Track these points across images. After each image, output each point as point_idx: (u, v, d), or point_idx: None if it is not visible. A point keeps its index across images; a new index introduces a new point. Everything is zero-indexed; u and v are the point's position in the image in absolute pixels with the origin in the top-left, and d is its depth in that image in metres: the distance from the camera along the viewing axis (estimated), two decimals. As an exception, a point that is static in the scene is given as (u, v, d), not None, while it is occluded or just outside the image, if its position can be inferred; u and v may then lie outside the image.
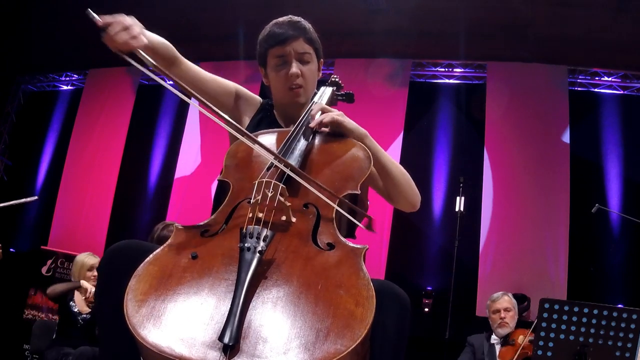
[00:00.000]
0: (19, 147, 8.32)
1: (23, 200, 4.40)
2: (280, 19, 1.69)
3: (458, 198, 5.37)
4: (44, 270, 6.29)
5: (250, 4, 6.11)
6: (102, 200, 7.41)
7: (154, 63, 1.38)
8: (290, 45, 1.64)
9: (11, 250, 7.64)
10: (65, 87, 8.64)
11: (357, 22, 6.48)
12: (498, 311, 3.88)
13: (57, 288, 3.98)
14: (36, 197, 4.73)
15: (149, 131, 7.79)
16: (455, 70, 7.09)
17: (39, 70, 8.39)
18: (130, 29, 1.37)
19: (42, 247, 6.75)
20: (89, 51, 7.63)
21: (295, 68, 1.65)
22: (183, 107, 7.45)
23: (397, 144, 6.65)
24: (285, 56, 1.65)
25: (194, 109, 6.89)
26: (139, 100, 7.71)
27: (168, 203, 7.18)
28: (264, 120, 1.75)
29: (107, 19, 1.36)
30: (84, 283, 3.95)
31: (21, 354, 5.22)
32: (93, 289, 3.89)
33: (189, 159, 7.30)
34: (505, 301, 3.93)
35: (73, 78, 8.50)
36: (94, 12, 1.35)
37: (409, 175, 1.66)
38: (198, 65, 1.71)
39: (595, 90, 6.69)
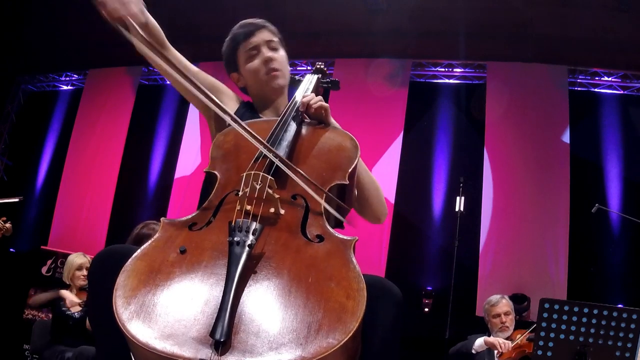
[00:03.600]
0: (19, 147, 8.32)
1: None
2: (240, 22, 1.78)
3: (458, 198, 5.37)
4: (44, 270, 6.29)
5: (250, 4, 6.10)
6: (102, 200, 7.41)
7: (150, 40, 1.39)
8: (257, 36, 1.73)
9: (11, 250, 7.64)
10: (65, 87, 8.64)
11: (357, 22, 6.48)
12: (498, 315, 3.80)
13: (38, 299, 4.11)
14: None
15: (149, 131, 7.79)
16: (455, 70, 7.09)
17: (39, 70, 8.40)
18: (128, 4, 1.39)
19: (42, 247, 6.75)
20: (89, 51, 7.65)
21: (268, 52, 1.72)
22: (183, 107, 7.45)
23: (397, 144, 6.65)
24: (256, 46, 1.72)
25: (194, 109, 6.89)
26: (139, 100, 7.72)
27: (168, 203, 7.18)
28: (245, 115, 1.73)
29: None
30: (62, 293, 3.98)
31: (21, 354, 5.21)
32: (75, 298, 3.95)
33: (189, 159, 7.30)
34: (505, 305, 3.87)
35: (73, 78, 8.51)
36: (95, 10, 1.34)
37: (381, 189, 1.68)
38: (198, 66, 1.72)
39: (595, 90, 6.68)
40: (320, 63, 1.85)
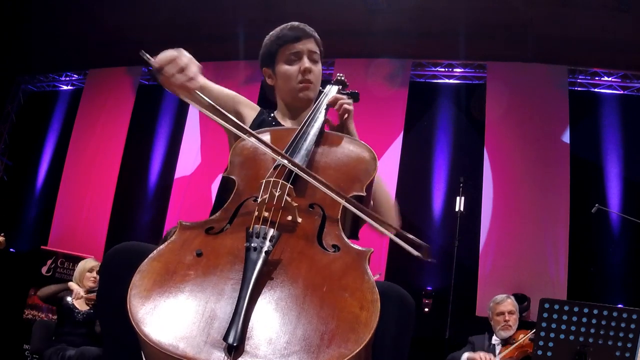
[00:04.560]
0: (19, 147, 8.32)
1: None
2: (291, 23, 1.76)
3: (458, 198, 5.37)
4: (44, 270, 6.29)
5: (250, 4, 6.11)
6: (102, 200, 7.41)
7: (210, 102, 1.36)
8: (302, 42, 1.72)
9: (11, 250, 7.64)
10: (65, 87, 8.64)
11: (357, 22, 6.48)
12: (502, 314, 3.87)
13: (47, 290, 4.13)
14: None
15: (149, 131, 7.79)
16: (455, 70, 7.09)
17: (39, 70, 8.40)
18: (187, 70, 1.34)
19: (42, 247, 6.75)
20: (89, 51, 7.66)
21: (308, 63, 1.72)
22: (183, 107, 7.45)
23: (397, 144, 6.65)
24: (298, 52, 1.72)
25: (194, 109, 6.90)
26: (139, 100, 7.72)
27: (168, 203, 7.18)
28: (265, 122, 1.76)
29: (162, 59, 1.33)
30: (71, 285, 4.10)
31: (21, 354, 5.22)
32: (81, 291, 4.05)
33: (189, 159, 7.30)
34: (510, 304, 3.93)
35: (73, 78, 8.50)
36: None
37: (393, 201, 1.70)
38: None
39: (595, 90, 6.69)
40: (340, 74, 1.85)
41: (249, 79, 6.79)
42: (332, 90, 1.75)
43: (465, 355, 3.77)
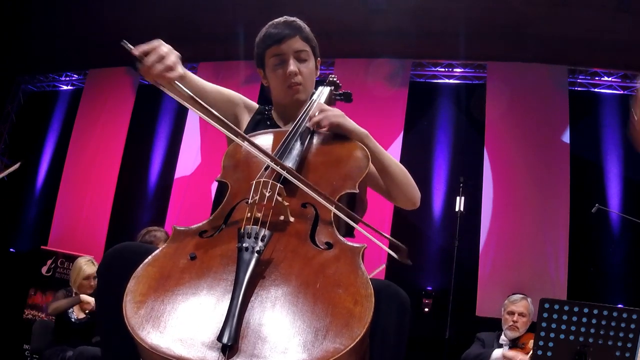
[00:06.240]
0: (19, 147, 8.31)
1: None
2: (276, 20, 1.71)
3: (458, 198, 5.37)
4: (44, 270, 6.29)
5: (250, 4, 6.10)
6: (102, 200, 7.40)
7: (189, 93, 1.38)
8: (286, 43, 1.65)
9: (11, 250, 7.65)
10: (65, 87, 8.63)
11: (357, 22, 6.48)
12: (512, 313, 3.84)
13: (58, 307, 3.94)
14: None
15: (149, 131, 7.78)
16: (455, 70, 7.09)
17: (39, 70, 8.39)
18: (166, 59, 1.36)
19: (42, 247, 6.75)
20: (89, 51, 7.65)
21: (293, 66, 1.66)
22: (183, 107, 7.40)
23: (397, 144, 6.65)
24: (283, 55, 1.66)
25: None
26: (139, 100, 7.71)
27: (168, 203, 7.18)
28: (261, 122, 1.75)
29: (143, 47, 1.34)
30: (84, 297, 3.94)
31: (21, 354, 5.22)
32: (92, 301, 3.91)
33: (189, 159, 7.30)
34: (522, 306, 3.89)
35: (73, 78, 8.50)
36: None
37: (409, 174, 1.66)
38: (198, 66, 1.74)
39: (595, 90, 6.68)
40: (333, 75, 1.84)
41: (249, 79, 6.78)
42: (324, 92, 1.74)
43: (500, 351, 3.73)
